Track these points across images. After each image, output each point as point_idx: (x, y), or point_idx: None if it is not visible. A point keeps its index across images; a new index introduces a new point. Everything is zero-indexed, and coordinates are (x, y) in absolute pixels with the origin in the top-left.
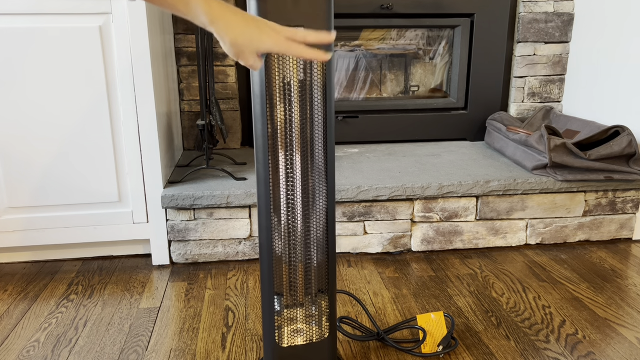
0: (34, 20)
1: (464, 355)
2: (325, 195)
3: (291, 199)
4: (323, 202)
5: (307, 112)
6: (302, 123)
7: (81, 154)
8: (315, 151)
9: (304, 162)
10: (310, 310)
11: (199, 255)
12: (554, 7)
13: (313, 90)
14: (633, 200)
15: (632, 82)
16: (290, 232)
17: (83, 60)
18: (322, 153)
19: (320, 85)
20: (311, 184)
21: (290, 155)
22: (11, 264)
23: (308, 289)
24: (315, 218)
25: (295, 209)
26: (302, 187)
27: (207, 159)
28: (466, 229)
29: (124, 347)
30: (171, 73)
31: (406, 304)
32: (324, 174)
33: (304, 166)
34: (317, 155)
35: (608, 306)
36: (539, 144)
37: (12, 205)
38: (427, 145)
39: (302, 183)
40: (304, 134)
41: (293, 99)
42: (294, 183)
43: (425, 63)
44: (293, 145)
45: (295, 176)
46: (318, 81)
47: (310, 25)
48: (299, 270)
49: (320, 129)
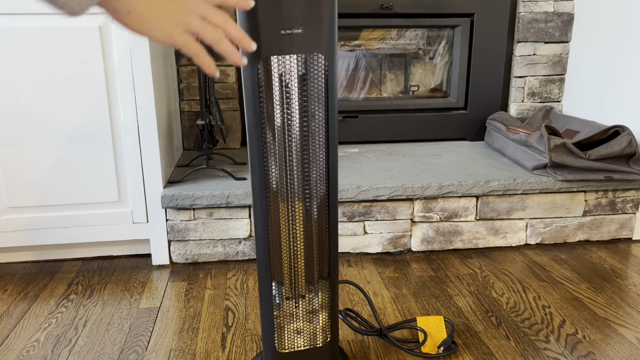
0: (34, 20)
1: (464, 355)
2: (326, 186)
3: (291, 185)
4: (323, 189)
5: (307, 117)
6: (303, 131)
7: (81, 153)
8: (318, 155)
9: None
10: (312, 305)
11: (199, 255)
12: (554, 7)
13: (312, 93)
14: (633, 200)
15: (632, 82)
16: (290, 220)
17: (83, 60)
18: (324, 155)
19: (322, 91)
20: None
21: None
22: (11, 264)
23: (309, 278)
24: (316, 206)
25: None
26: (303, 176)
27: (207, 159)
28: (466, 229)
29: (124, 347)
30: (171, 73)
31: (406, 304)
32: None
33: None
34: (319, 156)
35: (608, 306)
36: (539, 144)
37: (12, 205)
38: (427, 145)
39: (302, 173)
40: (304, 143)
41: (292, 101)
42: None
43: (425, 63)
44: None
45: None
46: (319, 83)
47: (311, 28)
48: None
49: (322, 137)
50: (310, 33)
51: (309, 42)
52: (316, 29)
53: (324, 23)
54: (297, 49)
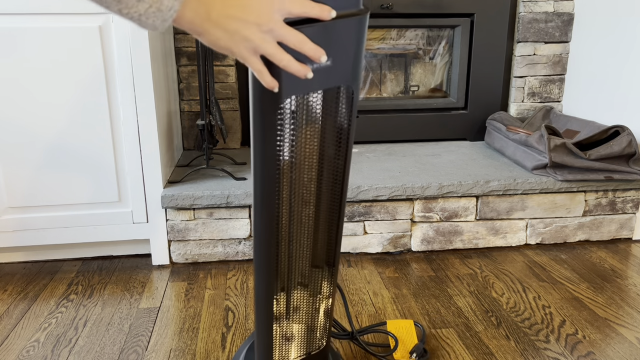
0: (33, 20)
1: (464, 355)
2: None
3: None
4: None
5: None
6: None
7: (81, 153)
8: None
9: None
10: (309, 315)
11: (199, 255)
12: (554, 7)
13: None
14: (633, 200)
15: (632, 82)
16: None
17: (83, 60)
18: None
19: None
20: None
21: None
22: (11, 264)
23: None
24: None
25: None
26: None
27: (207, 159)
28: (466, 229)
29: (123, 347)
30: (171, 73)
31: (406, 304)
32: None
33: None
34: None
35: (608, 306)
36: (539, 144)
37: (12, 205)
38: (427, 145)
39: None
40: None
41: (307, 138)
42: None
43: (425, 63)
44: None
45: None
46: (343, 118)
47: (337, 59)
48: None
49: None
50: (335, 64)
51: (335, 73)
52: (342, 59)
53: (350, 53)
54: (321, 83)
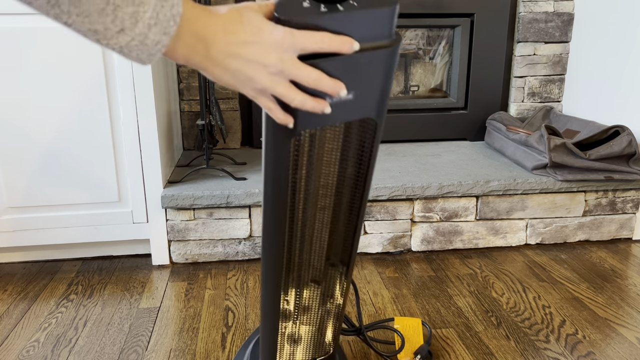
0: (33, 20)
1: (464, 355)
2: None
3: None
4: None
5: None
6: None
7: (81, 154)
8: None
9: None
10: (319, 319)
11: (199, 255)
12: (554, 7)
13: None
14: (633, 200)
15: (632, 82)
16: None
17: (83, 60)
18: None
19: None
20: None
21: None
22: (11, 264)
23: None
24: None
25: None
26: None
27: (207, 159)
28: (466, 229)
29: (123, 347)
30: (171, 73)
31: (406, 304)
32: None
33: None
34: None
35: (608, 306)
36: (539, 144)
37: (12, 205)
38: (427, 145)
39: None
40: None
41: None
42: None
43: (425, 63)
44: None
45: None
46: (366, 151)
47: (362, 91)
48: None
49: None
50: (360, 97)
51: (357, 107)
52: (367, 92)
53: (377, 86)
54: (342, 116)
